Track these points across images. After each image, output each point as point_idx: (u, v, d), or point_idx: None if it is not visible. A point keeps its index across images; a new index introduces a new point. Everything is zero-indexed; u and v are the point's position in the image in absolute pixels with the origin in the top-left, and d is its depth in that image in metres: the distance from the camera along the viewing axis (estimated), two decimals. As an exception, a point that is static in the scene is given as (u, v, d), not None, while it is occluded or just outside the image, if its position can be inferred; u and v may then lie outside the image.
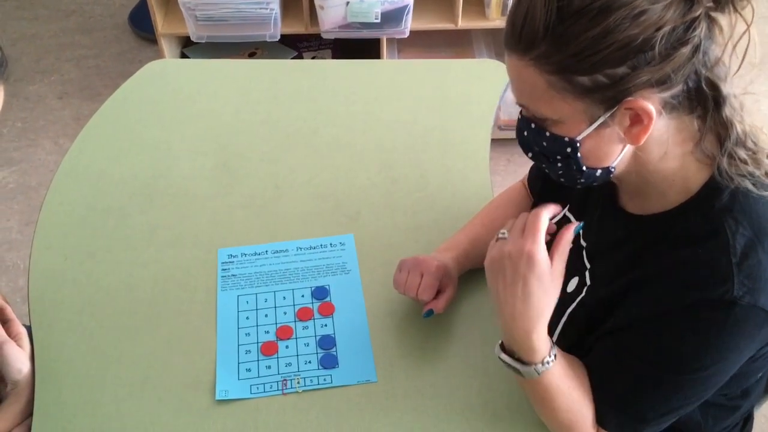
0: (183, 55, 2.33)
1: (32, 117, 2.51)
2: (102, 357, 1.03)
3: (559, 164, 0.82)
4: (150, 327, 1.07)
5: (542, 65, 0.74)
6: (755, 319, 0.77)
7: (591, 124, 0.76)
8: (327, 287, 1.12)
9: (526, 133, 0.83)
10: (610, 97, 0.74)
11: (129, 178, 1.29)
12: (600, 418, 0.88)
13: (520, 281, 0.81)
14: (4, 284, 2.01)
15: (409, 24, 2.07)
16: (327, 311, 1.09)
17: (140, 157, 1.33)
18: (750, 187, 0.79)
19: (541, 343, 0.84)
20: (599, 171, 0.82)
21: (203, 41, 2.10)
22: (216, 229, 1.21)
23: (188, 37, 2.12)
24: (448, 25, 2.14)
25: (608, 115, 0.75)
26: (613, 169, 0.81)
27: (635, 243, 0.87)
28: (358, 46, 2.23)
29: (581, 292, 0.94)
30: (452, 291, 1.05)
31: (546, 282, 0.81)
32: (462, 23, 2.12)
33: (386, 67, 1.70)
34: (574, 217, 0.99)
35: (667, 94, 0.74)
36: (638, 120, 0.75)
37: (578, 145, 0.78)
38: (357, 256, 1.16)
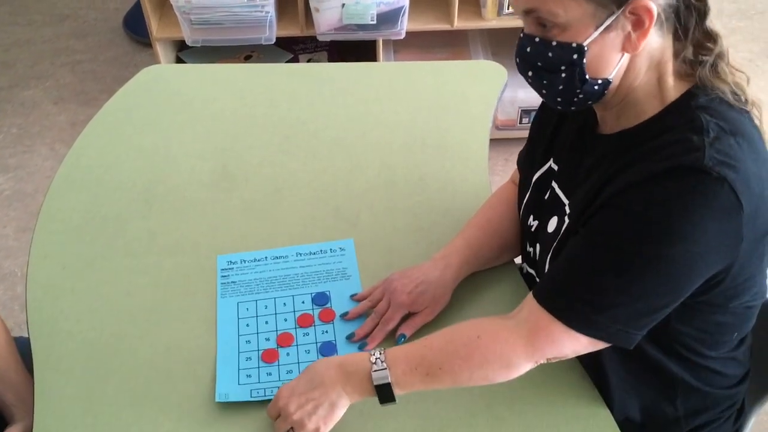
0: (178, 59, 2.32)
1: (28, 123, 2.50)
2: (102, 366, 1.03)
3: (563, 75, 0.84)
4: (150, 335, 1.06)
5: None
6: (724, 197, 0.77)
7: (597, 27, 0.79)
8: (327, 293, 1.12)
9: (529, 49, 0.85)
10: None
11: (127, 184, 1.28)
12: (560, 312, 0.85)
13: (303, 397, 0.90)
14: (1, 292, 2.00)
15: (405, 25, 2.06)
16: (328, 317, 1.08)
17: (138, 163, 1.32)
18: (730, 99, 0.83)
19: (351, 357, 0.92)
20: (598, 83, 0.84)
21: (198, 45, 2.09)
22: (215, 234, 1.20)
23: (183, 41, 2.12)
24: (444, 26, 2.14)
25: (615, 16, 0.78)
26: (610, 80, 0.84)
27: (612, 158, 0.88)
28: (354, 48, 2.22)
29: (561, 227, 0.94)
30: (430, 313, 1.05)
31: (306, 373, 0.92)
32: (458, 24, 2.12)
33: (383, 70, 1.69)
34: (560, 164, 1.00)
35: (662, 0, 0.79)
36: (639, 24, 0.79)
37: (585, 49, 0.81)
38: (357, 261, 1.16)
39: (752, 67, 2.63)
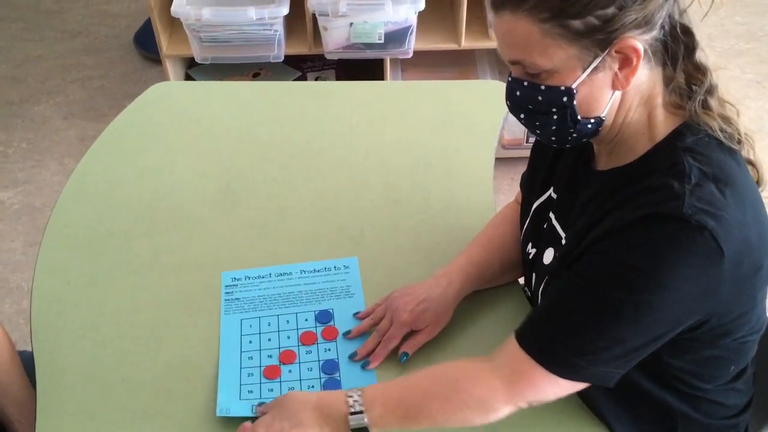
0: (188, 76, 2.34)
1: (37, 137, 2.52)
2: (104, 383, 1.03)
3: (555, 117, 0.84)
4: (152, 352, 1.07)
5: (537, 14, 0.77)
6: (703, 245, 0.77)
7: (585, 69, 0.80)
8: (331, 311, 1.12)
9: (518, 93, 0.85)
10: (601, 39, 0.78)
11: (132, 200, 1.29)
12: (540, 357, 0.84)
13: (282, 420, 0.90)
14: (8, 306, 2.01)
15: (412, 44, 2.08)
16: (330, 335, 1.08)
17: (144, 179, 1.33)
18: (719, 136, 0.82)
19: (330, 395, 0.91)
20: (591, 122, 0.84)
21: (208, 62, 2.11)
22: (219, 251, 1.21)
23: (193, 58, 2.13)
24: (451, 46, 2.15)
25: (600, 58, 0.79)
26: (603, 118, 0.84)
27: (604, 195, 0.88)
28: (362, 67, 2.24)
29: (556, 260, 0.95)
30: (432, 331, 1.05)
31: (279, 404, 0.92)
32: (465, 43, 2.13)
33: (390, 88, 1.70)
34: (558, 194, 1.00)
35: (648, 36, 0.79)
36: (627, 62, 0.79)
37: (574, 92, 0.81)
38: (361, 279, 1.16)
39: (760, 88, 2.63)
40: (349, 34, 2.02)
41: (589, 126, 0.85)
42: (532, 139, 2.30)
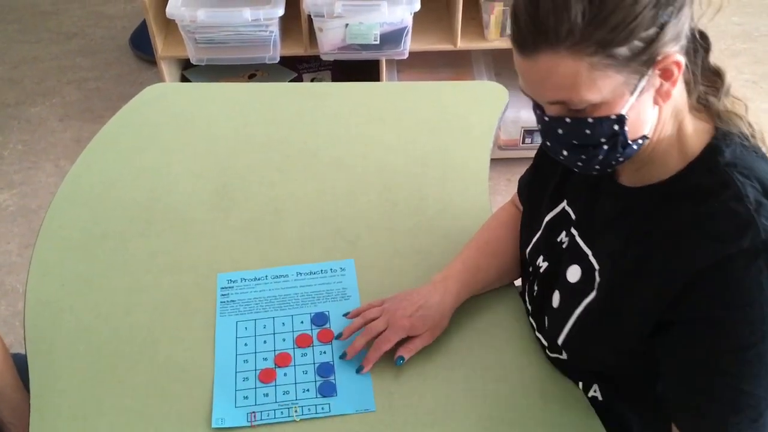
0: (183, 77, 2.34)
1: (33, 139, 2.52)
2: (98, 386, 1.02)
3: (605, 147, 0.81)
4: (147, 354, 1.06)
5: (582, 49, 0.73)
6: None
7: (632, 93, 0.77)
8: (326, 313, 1.11)
9: (560, 131, 0.81)
10: (645, 60, 0.75)
11: (127, 202, 1.29)
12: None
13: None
14: (3, 308, 2.01)
15: (408, 45, 2.07)
16: (326, 338, 1.08)
17: (139, 181, 1.33)
18: (749, 140, 0.82)
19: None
20: (638, 143, 0.82)
21: (203, 63, 2.11)
22: (215, 253, 1.20)
23: (188, 60, 2.13)
24: (447, 46, 2.14)
25: (646, 78, 0.77)
26: (648, 137, 0.83)
27: (637, 215, 0.86)
28: (358, 67, 2.23)
29: (591, 284, 0.91)
30: (429, 336, 1.04)
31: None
32: (461, 44, 2.13)
33: (386, 89, 1.70)
34: (572, 209, 0.98)
35: (680, 47, 0.77)
36: (668, 75, 0.78)
37: (626, 118, 0.78)
38: (357, 281, 1.15)
39: (756, 89, 2.64)
40: (345, 35, 2.02)
41: (636, 147, 0.82)
42: (529, 140, 2.32)
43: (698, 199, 0.81)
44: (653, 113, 0.81)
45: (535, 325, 1.04)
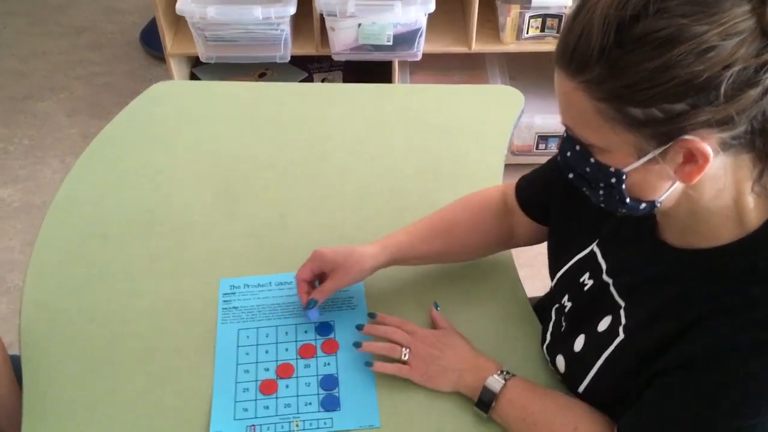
0: (192, 75, 2.31)
1: (40, 135, 2.49)
2: (92, 393, 0.99)
3: (601, 192, 0.77)
4: (144, 362, 1.02)
5: (593, 90, 0.68)
6: None
7: (640, 158, 0.71)
8: (332, 323, 1.07)
9: (569, 154, 0.78)
10: (664, 133, 0.68)
11: (129, 203, 1.25)
12: None
13: (436, 349, 0.99)
14: (4, 306, 1.98)
15: (422, 47, 2.04)
16: (331, 349, 1.04)
17: (141, 181, 1.29)
18: None
19: (488, 361, 0.97)
20: (643, 204, 0.76)
21: (213, 61, 2.07)
22: (218, 259, 1.16)
23: (198, 57, 2.10)
24: (461, 49, 2.11)
25: (659, 151, 0.69)
26: (659, 204, 0.76)
27: (684, 280, 0.80)
28: (370, 69, 2.20)
29: (618, 333, 0.86)
30: (342, 276, 1.03)
31: (443, 335, 1.01)
32: (476, 47, 2.09)
33: (398, 92, 1.66)
34: (602, 252, 0.93)
35: (726, 135, 0.67)
36: (692, 159, 0.69)
37: (624, 177, 0.73)
38: (364, 290, 1.11)
39: None
40: (357, 35, 1.98)
41: (641, 207, 0.76)
42: (543, 146, 2.27)
43: (755, 281, 0.74)
44: (670, 186, 0.73)
45: (548, 359, 1.00)
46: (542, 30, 2.05)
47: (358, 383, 0.99)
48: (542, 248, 1.07)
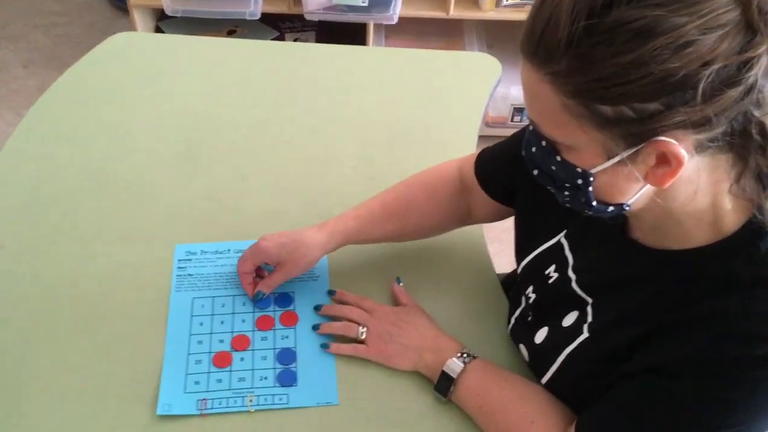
0: (158, 29, 2.21)
1: (-6, 85, 2.38)
2: (34, 361, 0.93)
3: (567, 192, 0.72)
4: (92, 330, 0.97)
5: (560, 84, 0.62)
6: None
7: (609, 159, 0.65)
8: (291, 294, 1.02)
9: (534, 149, 0.72)
10: (635, 133, 0.62)
11: (81, 161, 1.18)
12: None
13: (395, 327, 0.96)
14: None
15: (398, 10, 1.98)
16: (290, 321, 0.99)
17: (95, 138, 1.22)
18: None
19: (449, 341, 0.94)
20: (611, 207, 0.71)
21: (179, 15, 1.98)
22: (174, 222, 1.11)
23: (164, 10, 2.00)
24: (439, 14, 2.05)
25: (630, 152, 0.64)
26: (627, 207, 0.71)
27: (655, 281, 0.76)
28: (344, 30, 2.13)
29: (582, 331, 0.83)
30: (291, 269, 0.99)
31: (405, 312, 0.98)
32: (454, 12, 2.04)
33: (371, 55, 1.60)
34: (569, 245, 0.89)
35: (703, 136, 0.62)
36: (665, 161, 0.63)
37: (591, 179, 0.68)
38: (327, 261, 1.06)
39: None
40: (332, -7, 1.91)
41: (609, 210, 0.71)
42: (518, 119, 2.23)
43: (730, 290, 0.69)
44: (639, 188, 0.68)
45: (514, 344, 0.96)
46: (522, -3, 2.01)
47: (316, 358, 0.95)
48: (512, 223, 1.03)
